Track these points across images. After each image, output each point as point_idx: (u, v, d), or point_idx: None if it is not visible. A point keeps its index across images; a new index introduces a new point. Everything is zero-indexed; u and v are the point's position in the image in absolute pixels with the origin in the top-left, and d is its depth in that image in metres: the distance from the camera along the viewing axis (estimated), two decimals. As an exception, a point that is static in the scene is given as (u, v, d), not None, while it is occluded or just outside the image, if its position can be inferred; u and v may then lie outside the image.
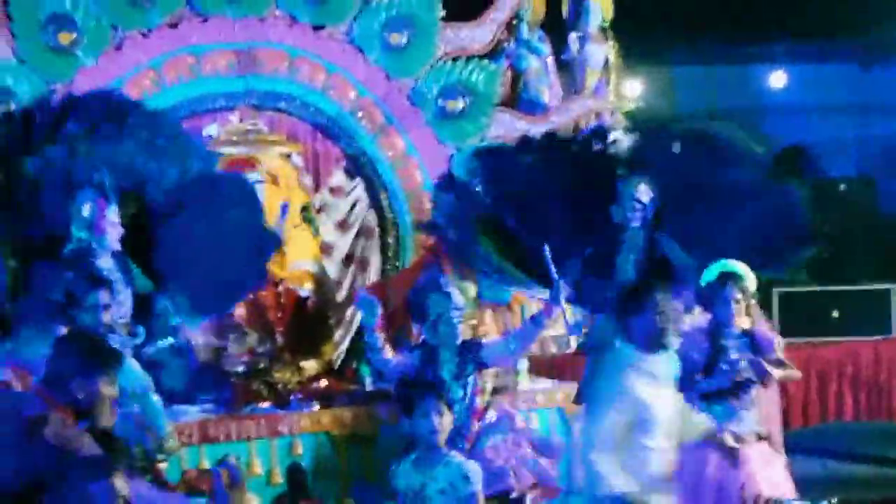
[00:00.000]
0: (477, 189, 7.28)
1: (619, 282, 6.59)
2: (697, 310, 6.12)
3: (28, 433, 3.85)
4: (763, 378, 5.68)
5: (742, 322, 5.74)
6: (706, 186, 6.86)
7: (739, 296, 5.71)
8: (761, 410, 5.82)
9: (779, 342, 5.88)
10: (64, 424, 3.91)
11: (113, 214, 6.17)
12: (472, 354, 6.23)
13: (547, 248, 6.24)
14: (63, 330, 5.30)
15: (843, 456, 8.24)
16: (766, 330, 5.97)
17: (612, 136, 7.29)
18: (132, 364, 5.69)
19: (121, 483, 3.51)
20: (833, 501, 3.88)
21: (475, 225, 7.11)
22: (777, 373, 5.76)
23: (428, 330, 6.28)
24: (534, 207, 7.04)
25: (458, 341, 6.25)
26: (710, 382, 5.63)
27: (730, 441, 5.50)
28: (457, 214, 7.25)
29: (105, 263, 6.05)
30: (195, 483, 3.97)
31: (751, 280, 5.79)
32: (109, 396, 4.11)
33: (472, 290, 7.32)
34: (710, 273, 5.86)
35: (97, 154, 6.32)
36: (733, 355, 5.66)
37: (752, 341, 5.72)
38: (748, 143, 6.96)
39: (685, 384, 5.62)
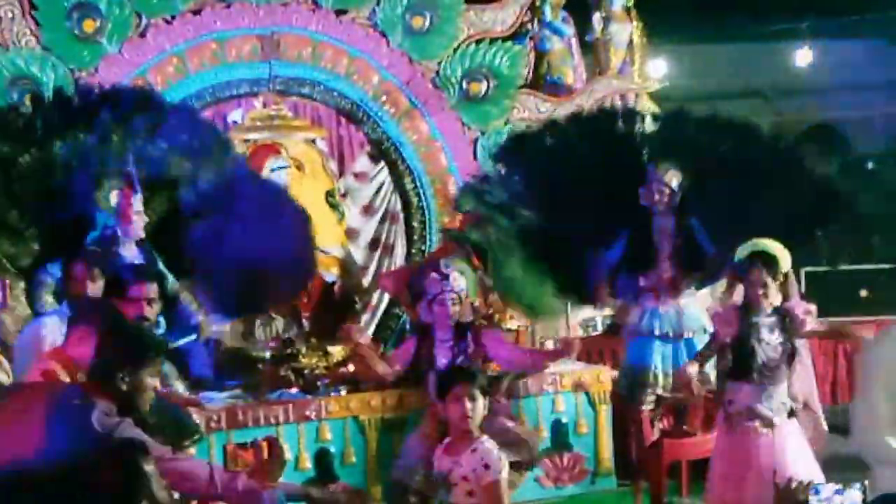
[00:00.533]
0: (502, 175, 7.34)
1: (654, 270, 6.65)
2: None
3: (74, 420, 3.89)
4: (791, 357, 5.65)
5: (773, 300, 5.66)
6: (732, 167, 6.86)
7: (767, 278, 5.62)
8: (793, 385, 5.84)
9: (812, 314, 5.76)
10: (108, 413, 3.94)
11: (138, 203, 6.19)
12: (465, 340, 6.29)
13: None
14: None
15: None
16: (799, 304, 5.87)
17: (639, 118, 7.31)
18: None
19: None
20: (866, 483, 3.83)
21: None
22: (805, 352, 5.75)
23: (424, 309, 6.34)
24: (561, 193, 7.06)
25: (452, 322, 6.29)
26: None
27: (757, 423, 5.52)
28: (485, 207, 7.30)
29: (129, 252, 6.07)
30: (237, 455, 3.97)
31: (783, 260, 5.69)
32: (152, 388, 4.16)
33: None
34: (742, 252, 5.81)
35: (128, 145, 6.36)
36: (764, 333, 5.60)
37: (783, 319, 5.65)
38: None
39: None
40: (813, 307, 5.76)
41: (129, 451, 3.47)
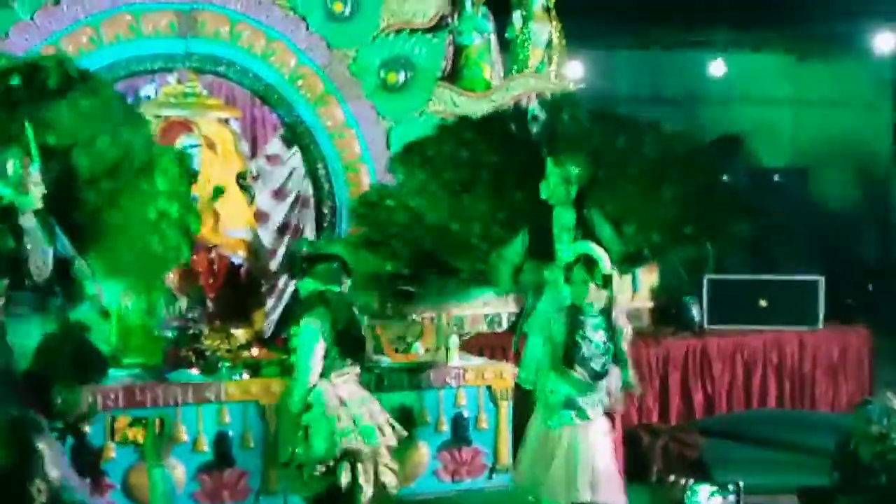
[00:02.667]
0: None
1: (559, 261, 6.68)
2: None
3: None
4: (613, 357, 6.10)
5: (594, 298, 6.06)
6: (632, 164, 6.97)
7: (589, 276, 6.04)
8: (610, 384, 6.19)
9: (628, 332, 6.25)
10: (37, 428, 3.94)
11: (37, 173, 6.02)
12: None
13: None
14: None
15: (764, 442, 8.37)
16: (622, 316, 6.28)
17: (532, 114, 7.42)
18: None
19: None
20: (740, 484, 3.94)
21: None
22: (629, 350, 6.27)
23: None
24: (460, 194, 7.11)
25: None
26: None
27: (574, 414, 5.99)
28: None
29: (27, 222, 5.92)
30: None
31: (603, 261, 6.08)
32: (86, 402, 4.17)
33: None
34: (569, 254, 6.20)
35: (27, 113, 6.18)
36: (589, 331, 6.02)
37: (607, 320, 6.09)
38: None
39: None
40: (629, 327, 6.26)
41: (21, 429, 3.42)
